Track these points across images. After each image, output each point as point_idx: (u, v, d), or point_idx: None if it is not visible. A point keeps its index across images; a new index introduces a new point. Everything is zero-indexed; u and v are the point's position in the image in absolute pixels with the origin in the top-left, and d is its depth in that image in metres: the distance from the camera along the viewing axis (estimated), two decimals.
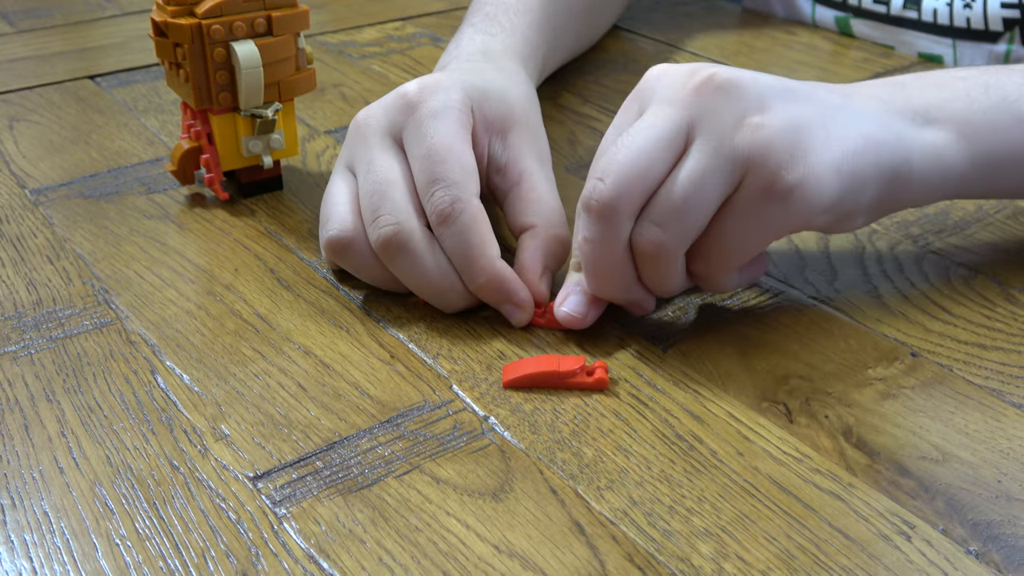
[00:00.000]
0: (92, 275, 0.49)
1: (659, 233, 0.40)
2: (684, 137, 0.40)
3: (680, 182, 0.40)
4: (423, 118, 0.45)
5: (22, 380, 0.42)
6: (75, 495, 0.36)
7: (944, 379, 0.42)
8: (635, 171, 0.39)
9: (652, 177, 0.40)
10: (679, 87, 0.41)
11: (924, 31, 0.77)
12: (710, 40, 0.81)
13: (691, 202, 0.40)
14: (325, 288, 0.48)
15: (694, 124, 0.40)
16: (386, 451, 0.38)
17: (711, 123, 0.40)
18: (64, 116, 0.67)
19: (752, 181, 0.40)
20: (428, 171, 0.44)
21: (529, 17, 0.61)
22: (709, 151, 0.39)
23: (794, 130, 0.40)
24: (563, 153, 0.62)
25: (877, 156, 0.42)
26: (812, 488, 0.36)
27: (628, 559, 0.33)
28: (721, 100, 0.40)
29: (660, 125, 0.40)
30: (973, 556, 0.34)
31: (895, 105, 0.44)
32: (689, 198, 0.40)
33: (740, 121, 0.40)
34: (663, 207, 0.40)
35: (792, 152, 0.40)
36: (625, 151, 0.40)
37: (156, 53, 0.53)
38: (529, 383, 0.41)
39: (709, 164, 0.39)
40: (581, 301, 0.44)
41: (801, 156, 0.40)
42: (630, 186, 0.39)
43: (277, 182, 0.57)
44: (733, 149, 0.39)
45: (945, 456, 0.38)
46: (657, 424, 0.39)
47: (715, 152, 0.39)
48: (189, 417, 0.40)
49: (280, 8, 0.51)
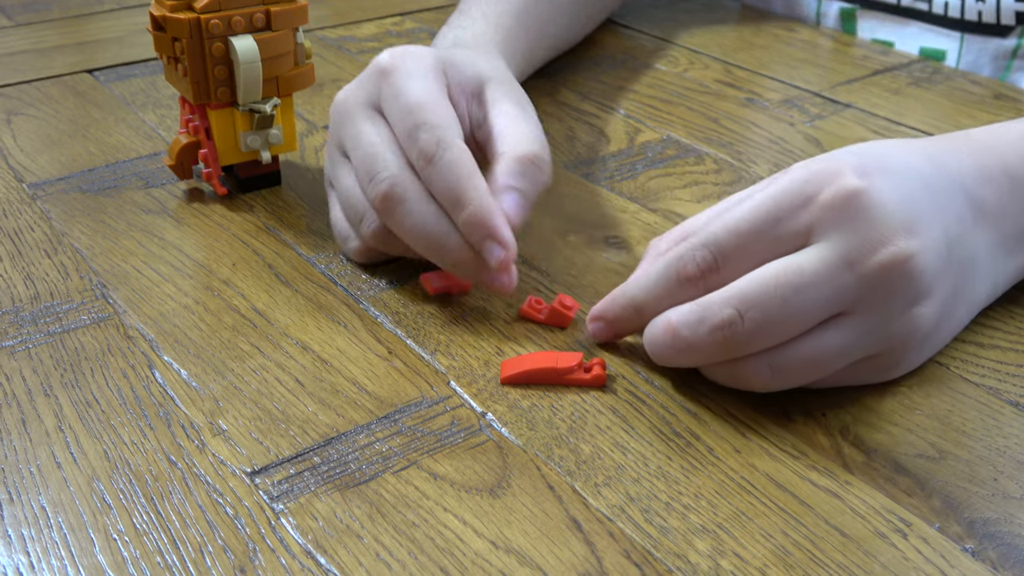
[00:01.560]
0: (90, 269, 0.49)
1: (770, 379, 0.38)
2: (847, 306, 0.37)
3: (823, 352, 0.38)
4: (397, 81, 0.45)
5: (19, 375, 0.42)
6: (73, 490, 0.36)
7: (941, 377, 0.42)
8: (780, 320, 0.37)
9: (796, 327, 0.37)
10: (867, 253, 0.37)
11: (932, 23, 0.76)
12: (709, 37, 0.81)
13: (821, 370, 0.38)
14: (323, 283, 0.48)
15: (863, 298, 0.37)
16: (383, 447, 0.38)
17: (879, 306, 0.37)
18: (62, 110, 0.67)
19: (880, 360, 0.39)
20: (409, 122, 0.44)
21: (504, 7, 0.61)
22: (865, 331, 0.38)
23: (938, 318, 0.39)
24: (562, 150, 0.62)
25: (971, 317, 0.44)
26: (809, 485, 0.36)
27: (625, 555, 0.33)
28: (900, 286, 0.37)
29: (829, 290, 0.37)
30: (969, 554, 0.34)
31: (1005, 230, 0.43)
32: (822, 366, 0.38)
33: (906, 309, 0.38)
34: (793, 364, 0.38)
35: (924, 340, 0.40)
36: (780, 298, 0.37)
37: (154, 47, 0.52)
38: (527, 379, 0.41)
39: (859, 343, 0.38)
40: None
41: (927, 344, 0.40)
42: (771, 329, 0.37)
43: (275, 177, 0.57)
44: (887, 335, 0.38)
45: (942, 454, 0.38)
46: (654, 421, 0.39)
47: (870, 333, 0.38)
48: (187, 412, 0.40)
49: (279, 3, 0.51)
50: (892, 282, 0.37)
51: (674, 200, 0.56)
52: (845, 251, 0.37)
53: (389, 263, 0.49)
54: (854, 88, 0.71)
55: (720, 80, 0.73)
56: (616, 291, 0.42)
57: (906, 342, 0.39)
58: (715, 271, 0.39)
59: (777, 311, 0.37)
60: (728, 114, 0.67)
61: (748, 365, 0.38)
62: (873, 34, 0.80)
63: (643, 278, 0.41)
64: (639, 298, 0.41)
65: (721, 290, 0.38)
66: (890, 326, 0.38)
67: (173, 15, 0.50)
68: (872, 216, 0.37)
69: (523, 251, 0.51)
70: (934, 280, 0.38)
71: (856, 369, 0.40)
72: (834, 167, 0.38)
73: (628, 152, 0.62)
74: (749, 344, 0.38)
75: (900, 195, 0.38)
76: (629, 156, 0.61)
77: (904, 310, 0.38)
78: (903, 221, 0.37)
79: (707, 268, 0.39)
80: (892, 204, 0.38)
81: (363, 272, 0.49)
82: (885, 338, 0.38)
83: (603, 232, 0.53)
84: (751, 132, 0.64)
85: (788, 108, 0.68)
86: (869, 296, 0.37)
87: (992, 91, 0.70)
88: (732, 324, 0.37)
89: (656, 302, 0.40)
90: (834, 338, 0.38)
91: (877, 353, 0.39)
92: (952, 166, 0.42)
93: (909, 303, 0.38)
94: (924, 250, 0.38)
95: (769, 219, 0.38)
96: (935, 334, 0.41)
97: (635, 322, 0.42)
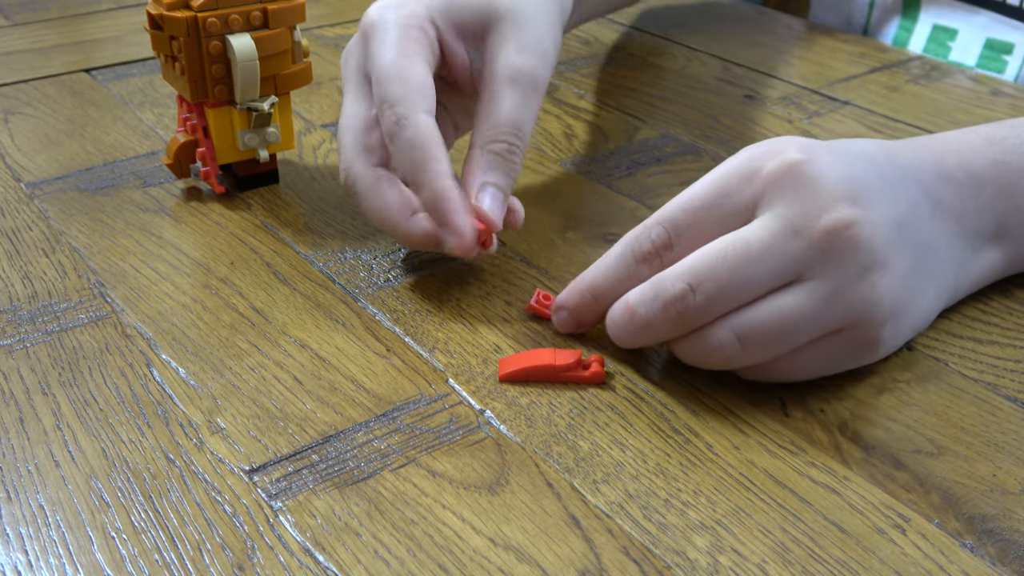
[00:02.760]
0: (88, 268, 0.49)
1: (739, 350, 0.38)
2: (798, 273, 0.38)
3: (782, 315, 0.38)
4: (373, 46, 0.45)
5: (17, 373, 0.42)
6: (71, 488, 0.36)
7: (940, 373, 0.42)
8: (732, 289, 0.37)
9: (749, 295, 0.38)
10: (811, 219, 0.37)
11: (1004, 14, 0.74)
12: (708, 35, 0.81)
13: (785, 337, 0.38)
14: (321, 282, 0.48)
15: (814, 264, 0.37)
16: (382, 444, 0.38)
17: (831, 272, 0.37)
18: (60, 109, 0.67)
19: (850, 334, 0.39)
20: (378, 95, 0.44)
21: None
22: (822, 296, 0.37)
23: (901, 291, 0.39)
24: (560, 148, 0.62)
25: (942, 304, 0.44)
26: (807, 482, 0.36)
27: (624, 552, 0.33)
28: (848, 251, 0.37)
29: (777, 257, 0.37)
30: (968, 549, 0.34)
31: (967, 225, 0.43)
32: (786, 333, 0.38)
33: (860, 276, 0.38)
34: (754, 329, 0.38)
35: (894, 313, 0.39)
36: (728, 270, 0.37)
37: (152, 46, 0.52)
38: (525, 377, 0.41)
39: (818, 308, 0.38)
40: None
41: (898, 321, 0.40)
42: (724, 301, 0.38)
43: (273, 176, 0.57)
44: (847, 303, 0.38)
45: (940, 450, 0.38)
46: (653, 418, 0.39)
47: (828, 299, 0.38)
48: (185, 410, 0.40)
49: (276, 1, 0.51)
50: (839, 247, 0.37)
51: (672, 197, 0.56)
52: (789, 219, 0.38)
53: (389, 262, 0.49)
54: (852, 85, 0.71)
55: (718, 77, 0.73)
56: (576, 279, 0.43)
57: (871, 313, 0.38)
58: (669, 247, 0.40)
59: (727, 281, 0.38)
60: (726, 111, 0.67)
61: (711, 334, 0.39)
62: (936, 20, 0.78)
63: (601, 263, 0.42)
64: (598, 283, 0.42)
65: (672, 266, 0.39)
66: (848, 295, 0.38)
67: (170, 13, 0.50)
68: (814, 185, 0.38)
69: (521, 248, 0.51)
70: (886, 251, 0.38)
71: (830, 348, 0.39)
72: (779, 146, 0.40)
73: (626, 149, 0.62)
74: (703, 316, 0.38)
75: (843, 171, 0.39)
76: (627, 153, 0.61)
77: (859, 277, 0.38)
78: (845, 191, 0.38)
79: (661, 245, 0.40)
80: (834, 176, 0.39)
81: (361, 270, 0.49)
82: (847, 307, 0.38)
83: (601, 229, 0.53)
84: (749, 129, 0.64)
85: (786, 105, 0.68)
86: (820, 260, 0.38)
87: (990, 88, 0.70)
88: (684, 298, 0.38)
89: (614, 285, 0.41)
90: (790, 301, 0.38)
91: (845, 326, 0.39)
92: (909, 161, 0.43)
93: (862, 270, 0.38)
94: (868, 220, 0.38)
95: (718, 194, 0.40)
96: (904, 312, 0.40)
97: (595, 310, 0.42)
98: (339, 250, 0.50)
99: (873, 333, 0.39)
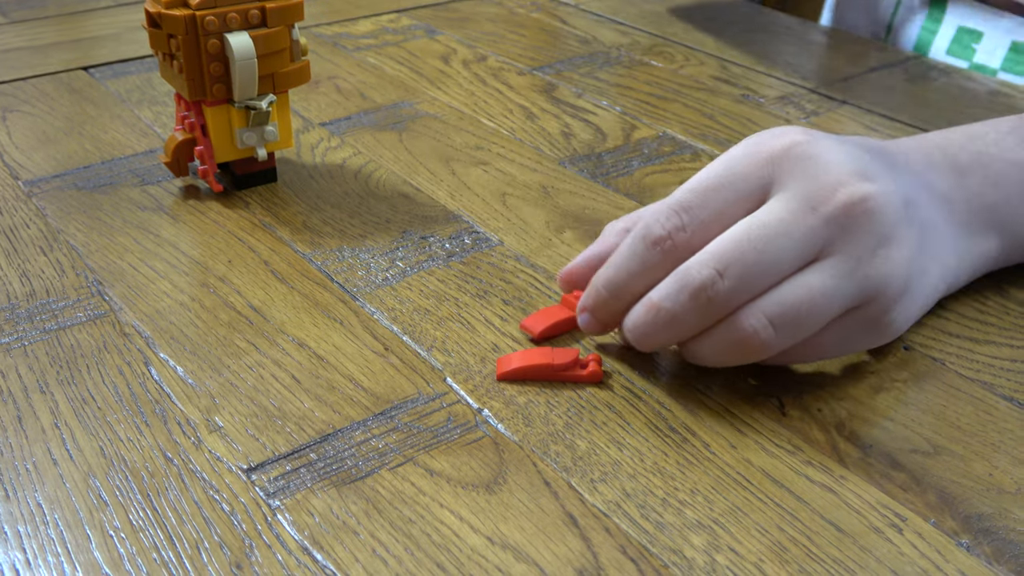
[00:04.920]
0: (86, 267, 0.49)
1: (772, 334, 0.38)
2: (819, 250, 0.38)
3: (810, 293, 0.38)
4: None
5: (15, 372, 0.42)
6: (69, 487, 0.36)
7: (936, 373, 0.42)
8: (759, 268, 0.38)
9: (776, 276, 0.38)
10: (826, 195, 0.38)
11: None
12: (707, 35, 0.81)
13: (814, 316, 0.38)
14: (319, 280, 0.48)
15: (834, 239, 0.38)
16: (380, 443, 0.38)
17: (850, 246, 0.38)
18: (58, 107, 0.67)
19: (865, 311, 0.39)
20: None
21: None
22: (843, 272, 0.38)
23: (912, 267, 0.40)
24: (558, 147, 0.62)
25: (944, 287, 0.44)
26: (804, 481, 0.36)
27: (621, 551, 0.34)
28: (865, 224, 0.38)
29: (798, 234, 0.38)
30: (964, 548, 0.34)
31: (958, 212, 0.44)
32: (814, 312, 0.38)
33: (875, 250, 0.38)
34: (785, 310, 0.38)
35: (907, 289, 0.40)
36: (754, 250, 0.38)
37: (150, 44, 0.52)
38: (523, 376, 0.41)
39: (840, 285, 0.38)
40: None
41: (908, 298, 0.40)
42: (753, 283, 0.38)
43: (271, 174, 0.57)
44: (865, 277, 0.38)
45: (937, 449, 0.38)
46: (650, 417, 0.39)
47: (849, 275, 0.38)
48: (183, 409, 0.40)
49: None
50: (857, 220, 0.38)
51: None
52: (806, 196, 0.38)
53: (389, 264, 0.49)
54: (850, 84, 0.71)
55: (716, 76, 0.73)
56: (593, 277, 0.42)
57: (886, 287, 0.39)
58: (681, 229, 0.40)
59: (755, 261, 0.38)
60: (724, 111, 0.67)
61: (741, 320, 0.38)
62: (961, 22, 0.78)
63: (614, 256, 0.41)
64: (614, 277, 0.41)
65: (694, 256, 0.39)
66: (865, 267, 0.38)
67: (169, 11, 0.50)
68: (825, 162, 0.39)
69: (518, 248, 0.51)
70: (897, 225, 0.39)
71: (848, 327, 0.40)
72: (781, 131, 0.41)
73: (624, 149, 0.62)
74: (731, 302, 0.38)
75: (847, 153, 0.40)
76: (625, 153, 0.61)
77: (874, 250, 0.38)
78: (855, 169, 0.39)
79: (673, 227, 0.40)
80: (841, 155, 0.40)
81: (359, 269, 0.49)
82: (864, 280, 0.38)
83: (599, 229, 0.53)
84: (747, 129, 0.64)
85: (784, 104, 0.68)
86: (839, 235, 0.38)
87: (987, 88, 0.71)
88: (713, 283, 0.38)
89: (630, 277, 0.40)
90: (816, 278, 0.38)
91: (862, 302, 0.39)
92: (898, 154, 0.44)
93: (877, 243, 0.38)
94: (881, 193, 0.39)
95: (728, 176, 0.40)
96: (915, 289, 0.40)
97: (614, 306, 0.41)
98: (337, 249, 0.50)
99: (886, 309, 0.40)
